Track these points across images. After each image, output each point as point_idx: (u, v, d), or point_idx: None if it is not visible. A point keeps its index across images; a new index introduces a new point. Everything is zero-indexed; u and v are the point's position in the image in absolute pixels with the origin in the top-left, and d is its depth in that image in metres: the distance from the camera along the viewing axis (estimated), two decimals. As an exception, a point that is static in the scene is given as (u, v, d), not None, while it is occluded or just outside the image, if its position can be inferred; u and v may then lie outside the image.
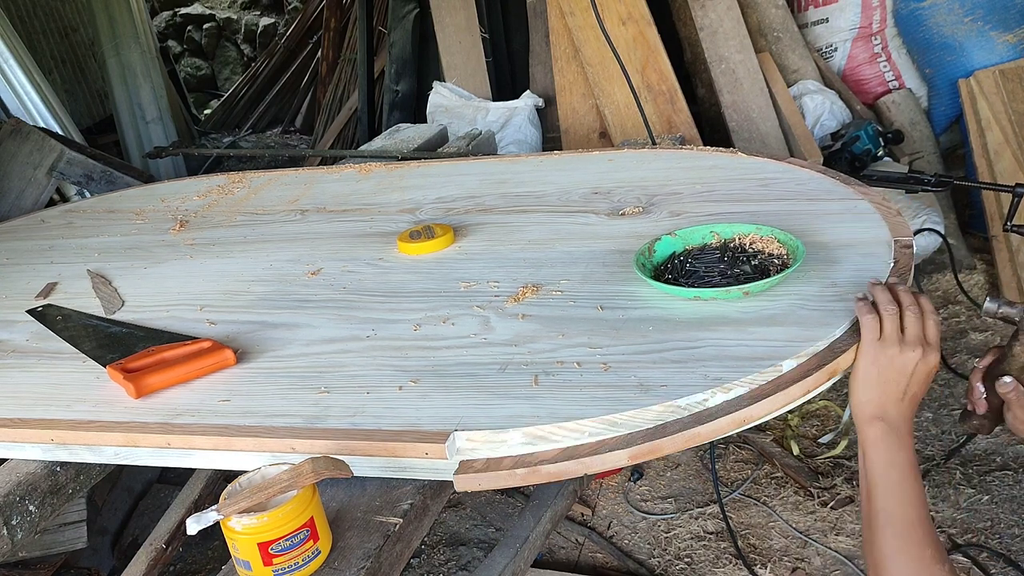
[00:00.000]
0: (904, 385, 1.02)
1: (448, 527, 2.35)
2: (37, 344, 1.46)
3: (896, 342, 1.02)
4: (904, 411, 1.02)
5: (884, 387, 1.02)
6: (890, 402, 1.02)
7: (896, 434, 1.00)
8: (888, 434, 1.00)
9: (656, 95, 3.13)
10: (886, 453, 1.00)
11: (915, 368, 1.01)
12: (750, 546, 2.13)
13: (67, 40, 5.84)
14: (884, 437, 1.00)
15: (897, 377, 1.01)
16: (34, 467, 1.21)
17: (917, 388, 1.02)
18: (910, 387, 1.02)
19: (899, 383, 1.02)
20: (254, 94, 6.58)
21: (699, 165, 1.73)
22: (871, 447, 1.01)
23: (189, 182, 2.27)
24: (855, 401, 1.04)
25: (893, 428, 1.01)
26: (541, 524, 1.57)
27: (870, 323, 1.04)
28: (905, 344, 1.02)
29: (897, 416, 1.01)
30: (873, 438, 1.01)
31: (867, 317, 1.04)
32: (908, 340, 1.02)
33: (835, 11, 3.47)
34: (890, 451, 1.00)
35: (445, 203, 1.78)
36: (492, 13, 3.74)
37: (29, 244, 1.99)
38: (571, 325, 1.21)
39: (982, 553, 1.99)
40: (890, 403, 1.02)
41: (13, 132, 3.37)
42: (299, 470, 0.94)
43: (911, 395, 1.02)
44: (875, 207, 1.40)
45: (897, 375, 1.01)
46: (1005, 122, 2.99)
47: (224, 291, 1.54)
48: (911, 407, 1.03)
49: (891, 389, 1.02)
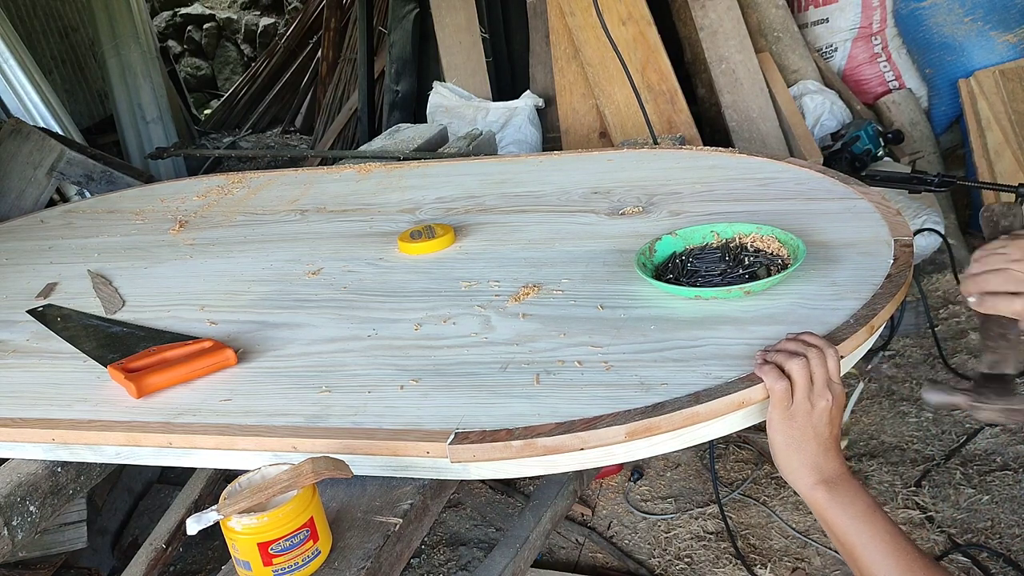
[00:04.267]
0: (824, 434, 0.97)
1: (448, 527, 2.35)
2: (38, 344, 1.46)
3: (805, 398, 0.97)
4: (835, 458, 0.98)
5: (808, 447, 0.97)
6: (820, 459, 0.97)
7: (841, 487, 0.96)
8: (835, 492, 0.96)
9: (656, 95, 3.13)
10: (843, 512, 0.95)
11: (830, 413, 0.98)
12: (750, 546, 2.13)
13: (67, 40, 5.84)
14: (833, 498, 0.95)
15: (815, 433, 0.97)
16: (35, 467, 1.21)
17: (832, 429, 0.98)
18: (831, 432, 0.98)
19: (819, 435, 0.97)
20: (254, 94, 6.59)
21: (699, 165, 1.74)
22: (827, 513, 0.96)
23: (189, 182, 2.27)
24: (785, 473, 0.99)
25: (836, 483, 0.96)
26: (541, 524, 1.57)
27: (781, 392, 0.97)
28: (815, 395, 0.97)
29: (833, 468, 0.97)
30: (824, 504, 0.96)
31: (779, 385, 0.97)
32: (817, 389, 0.97)
33: (835, 11, 3.47)
34: (846, 507, 0.95)
35: (445, 203, 1.78)
36: (492, 13, 3.75)
37: (29, 244, 1.99)
38: (572, 324, 1.21)
39: (982, 553, 1.99)
40: (821, 459, 0.97)
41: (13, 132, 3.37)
42: (299, 470, 0.94)
43: (833, 438, 0.98)
44: (875, 207, 1.40)
45: (815, 432, 0.97)
46: (1005, 122, 2.99)
47: (225, 291, 1.54)
48: (836, 448, 0.98)
49: (815, 446, 0.97)
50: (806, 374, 0.97)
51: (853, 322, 1.09)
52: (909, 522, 2.12)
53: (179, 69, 7.81)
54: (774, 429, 0.99)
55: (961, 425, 2.41)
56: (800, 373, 0.97)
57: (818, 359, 0.98)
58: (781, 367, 0.99)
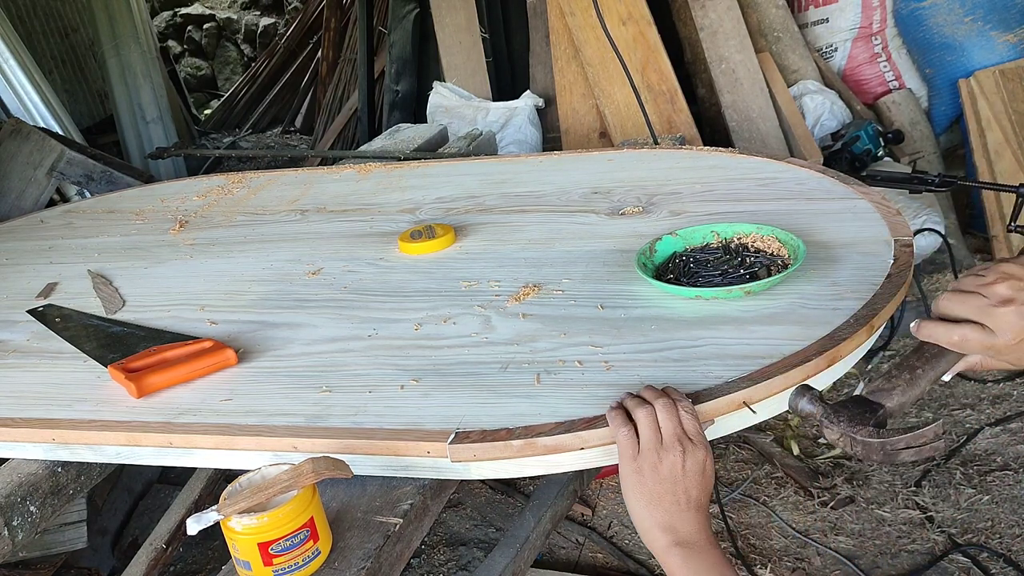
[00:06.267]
0: (680, 492, 0.90)
1: (448, 527, 2.35)
2: (38, 344, 1.46)
3: (653, 450, 0.90)
4: (694, 520, 0.90)
5: (661, 504, 0.90)
6: (675, 519, 0.90)
7: (697, 551, 0.89)
8: (690, 556, 0.88)
9: (656, 95, 3.13)
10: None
11: (684, 469, 0.90)
12: (750, 546, 2.13)
13: (67, 40, 5.84)
14: (687, 561, 0.88)
15: (670, 487, 0.90)
16: (35, 467, 1.21)
17: (697, 490, 0.90)
18: (688, 491, 0.90)
19: (674, 492, 0.90)
20: (254, 94, 6.59)
21: (699, 165, 1.74)
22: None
23: (189, 182, 2.27)
24: (639, 531, 0.92)
25: (692, 546, 0.89)
26: (541, 524, 1.57)
27: (624, 439, 0.92)
28: (663, 449, 0.90)
29: (690, 532, 0.89)
30: (677, 567, 0.88)
31: (621, 431, 0.92)
32: (665, 443, 0.91)
33: (835, 11, 3.47)
34: (700, 573, 0.88)
35: (445, 203, 1.78)
36: (492, 13, 3.75)
37: (29, 244, 1.99)
38: (572, 324, 1.21)
39: (982, 553, 1.99)
40: (676, 519, 0.90)
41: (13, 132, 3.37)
42: (299, 470, 0.94)
43: (694, 500, 0.90)
44: (875, 207, 1.40)
45: (670, 485, 0.90)
46: (1005, 122, 2.99)
47: (225, 291, 1.54)
48: (700, 512, 0.91)
49: (669, 503, 0.90)
50: (651, 423, 0.92)
51: (853, 322, 1.09)
52: (909, 522, 2.13)
53: (179, 69, 7.81)
54: (622, 480, 0.93)
55: (961, 425, 2.41)
56: (645, 423, 0.92)
57: (666, 411, 0.92)
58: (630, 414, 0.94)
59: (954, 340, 0.92)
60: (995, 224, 2.96)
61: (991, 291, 0.90)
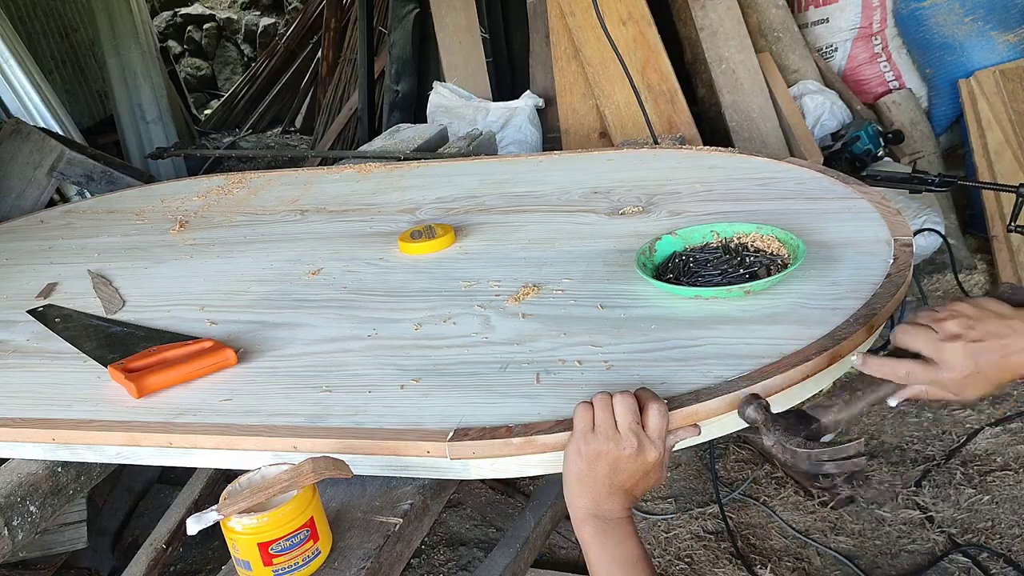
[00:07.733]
0: (617, 481, 0.93)
1: (448, 527, 2.35)
2: (38, 344, 1.46)
3: (604, 435, 0.93)
4: (618, 503, 0.94)
5: (593, 482, 0.94)
6: (601, 496, 0.94)
7: (612, 529, 0.93)
8: (603, 532, 0.93)
9: (656, 95, 3.13)
10: (604, 551, 0.93)
11: (627, 461, 0.93)
12: (750, 546, 2.13)
13: (67, 40, 5.84)
14: (598, 536, 0.93)
15: (607, 473, 0.93)
16: (35, 468, 1.21)
17: (632, 483, 0.94)
18: (624, 483, 0.94)
19: (610, 479, 0.93)
20: (254, 94, 6.59)
21: (699, 165, 1.74)
22: (589, 548, 0.94)
23: (189, 183, 2.27)
24: (567, 501, 0.97)
25: (609, 524, 0.94)
26: (541, 524, 1.57)
27: (580, 412, 0.95)
28: (614, 437, 0.92)
29: (611, 510, 0.94)
30: (588, 538, 0.94)
31: (580, 407, 0.96)
32: (621, 431, 0.93)
33: (835, 11, 3.47)
34: (607, 548, 0.93)
35: (445, 203, 1.78)
36: (492, 13, 3.75)
37: (29, 244, 1.99)
38: (572, 324, 1.21)
39: (982, 553, 1.99)
40: (601, 497, 0.94)
41: (13, 132, 3.37)
42: (299, 470, 0.94)
43: (621, 485, 0.94)
44: (874, 206, 1.40)
45: (607, 470, 0.93)
46: (1005, 122, 2.99)
47: (225, 291, 1.54)
48: (626, 498, 0.95)
49: (599, 484, 0.94)
50: (606, 409, 0.94)
51: (853, 322, 1.09)
52: (909, 522, 2.13)
53: (179, 69, 7.81)
54: (566, 451, 0.96)
55: (961, 425, 2.41)
56: (600, 406, 0.95)
57: (624, 404, 0.94)
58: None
59: (900, 375, 0.98)
60: (995, 224, 2.96)
61: (941, 327, 0.95)
